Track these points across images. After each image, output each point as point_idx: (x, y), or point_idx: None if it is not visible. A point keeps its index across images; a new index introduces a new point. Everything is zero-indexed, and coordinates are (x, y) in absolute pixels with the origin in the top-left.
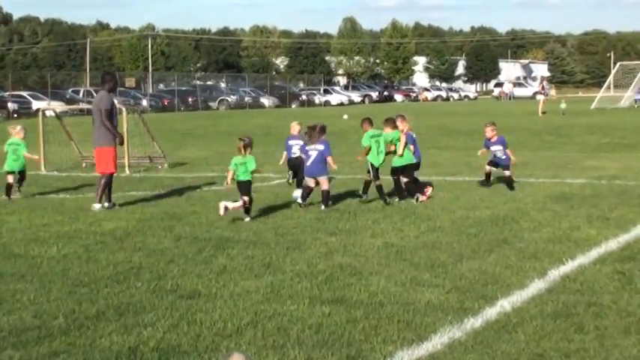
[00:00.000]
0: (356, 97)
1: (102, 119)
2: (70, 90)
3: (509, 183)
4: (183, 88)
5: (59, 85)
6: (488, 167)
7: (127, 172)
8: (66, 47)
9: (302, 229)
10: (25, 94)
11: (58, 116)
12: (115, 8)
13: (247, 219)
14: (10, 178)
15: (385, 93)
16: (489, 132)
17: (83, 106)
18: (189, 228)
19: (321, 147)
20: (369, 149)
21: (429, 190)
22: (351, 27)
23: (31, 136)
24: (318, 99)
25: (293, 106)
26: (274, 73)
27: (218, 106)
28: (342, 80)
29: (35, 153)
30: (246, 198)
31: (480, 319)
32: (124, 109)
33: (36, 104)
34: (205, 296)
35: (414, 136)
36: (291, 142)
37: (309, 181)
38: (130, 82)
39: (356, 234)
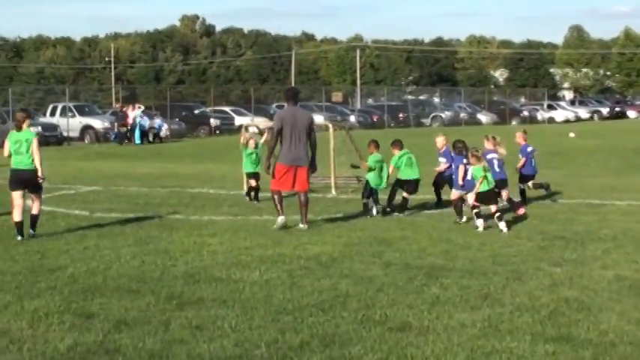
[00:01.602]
0: (583, 113)
1: (314, 138)
2: (274, 105)
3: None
4: (394, 103)
5: (263, 99)
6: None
7: (334, 192)
8: (270, 60)
9: (523, 258)
10: (227, 109)
11: (262, 133)
12: (321, 18)
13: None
14: (253, 182)
15: (617, 109)
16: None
17: None
18: (400, 254)
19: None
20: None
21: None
22: (577, 36)
23: (233, 153)
24: (540, 115)
25: (513, 122)
26: (492, 86)
27: (431, 123)
28: (568, 95)
29: (238, 171)
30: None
31: None
32: (330, 125)
33: (238, 120)
34: (417, 329)
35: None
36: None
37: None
38: (337, 96)
39: (584, 265)
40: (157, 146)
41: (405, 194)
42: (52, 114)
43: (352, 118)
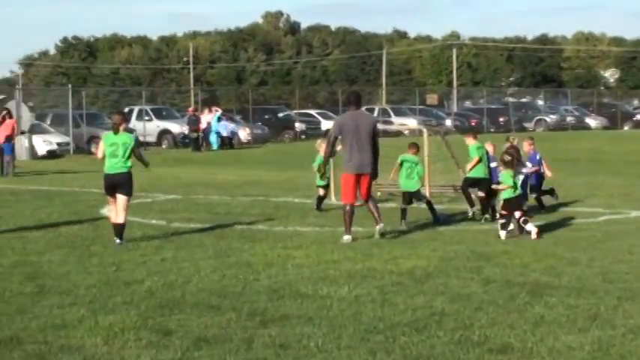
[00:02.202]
0: None
1: (378, 145)
2: (363, 108)
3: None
4: (493, 106)
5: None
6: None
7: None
8: (359, 59)
9: (636, 276)
10: (313, 112)
11: None
12: (414, 14)
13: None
14: (321, 191)
15: None
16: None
17: (379, 126)
18: (500, 270)
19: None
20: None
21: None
22: None
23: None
24: None
25: (625, 127)
26: (602, 88)
27: (534, 127)
28: None
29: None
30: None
31: None
32: (424, 130)
33: (326, 124)
34: (519, 351)
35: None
36: None
37: None
38: (432, 99)
39: None
40: (238, 152)
41: (480, 193)
42: (128, 117)
43: (448, 122)
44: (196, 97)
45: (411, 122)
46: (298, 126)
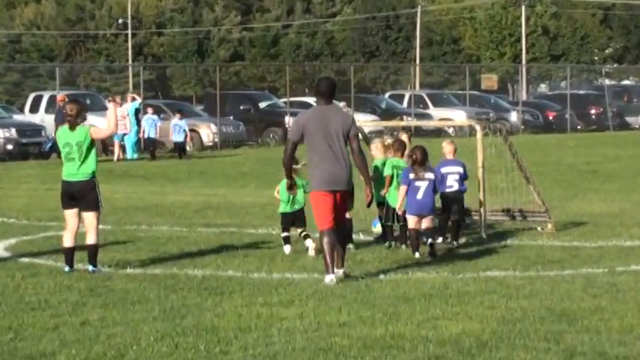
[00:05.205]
0: None
1: (358, 150)
2: (386, 95)
3: None
4: (581, 92)
5: (369, 85)
6: None
7: (483, 235)
8: (381, 22)
9: None
10: (311, 101)
11: (367, 141)
12: None
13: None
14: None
15: None
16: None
17: (407, 122)
18: (590, 337)
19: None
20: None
21: None
22: None
23: None
24: None
25: None
26: None
27: None
28: None
29: None
30: None
31: None
32: (478, 127)
33: None
34: None
35: None
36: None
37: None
38: (489, 81)
39: None
40: (198, 161)
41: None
42: (34, 109)
43: (513, 116)
44: (137, 78)
45: (458, 116)
46: (289, 121)
